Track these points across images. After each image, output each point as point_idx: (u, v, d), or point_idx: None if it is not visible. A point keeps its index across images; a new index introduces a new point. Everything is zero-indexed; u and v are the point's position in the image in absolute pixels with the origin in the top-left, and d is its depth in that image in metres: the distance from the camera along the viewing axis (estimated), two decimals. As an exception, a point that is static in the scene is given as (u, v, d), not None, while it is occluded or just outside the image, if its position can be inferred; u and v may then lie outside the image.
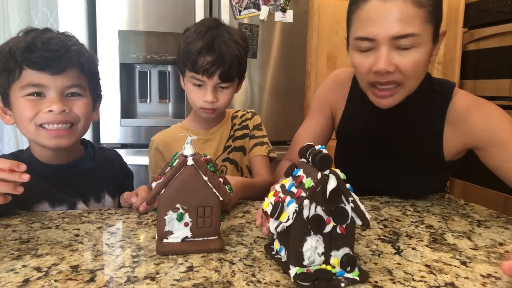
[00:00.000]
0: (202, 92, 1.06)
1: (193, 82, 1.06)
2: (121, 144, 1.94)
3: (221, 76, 1.04)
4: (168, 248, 0.67)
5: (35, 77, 0.81)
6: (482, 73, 2.27)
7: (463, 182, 1.41)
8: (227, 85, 1.07)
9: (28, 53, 0.79)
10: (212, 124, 1.20)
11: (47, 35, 0.83)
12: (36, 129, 0.83)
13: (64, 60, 0.83)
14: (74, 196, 0.92)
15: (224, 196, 0.68)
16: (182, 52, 1.06)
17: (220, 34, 1.04)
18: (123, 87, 1.95)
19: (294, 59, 2.15)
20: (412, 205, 0.99)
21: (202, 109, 1.09)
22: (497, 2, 2.13)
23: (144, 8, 1.88)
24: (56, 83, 0.83)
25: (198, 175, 0.67)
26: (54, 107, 0.82)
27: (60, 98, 0.84)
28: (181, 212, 0.68)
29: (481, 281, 0.60)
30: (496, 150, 0.87)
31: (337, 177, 0.58)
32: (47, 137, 0.84)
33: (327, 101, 1.11)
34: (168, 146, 1.16)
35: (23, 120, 0.83)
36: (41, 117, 0.83)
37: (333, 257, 0.59)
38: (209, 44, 1.02)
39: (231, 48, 1.03)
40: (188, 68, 1.05)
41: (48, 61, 0.81)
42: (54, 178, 0.90)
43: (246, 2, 2.00)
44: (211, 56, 1.01)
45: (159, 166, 1.16)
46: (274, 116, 2.15)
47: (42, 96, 0.83)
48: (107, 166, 1.01)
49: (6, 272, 0.60)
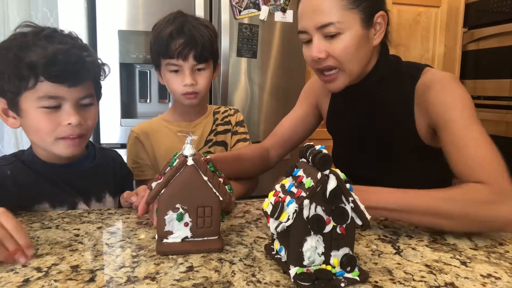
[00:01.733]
0: (180, 77, 1.08)
1: (170, 69, 1.08)
2: (121, 144, 1.93)
3: (195, 57, 1.06)
4: (168, 248, 0.67)
5: (53, 89, 0.81)
6: (482, 73, 2.27)
7: (463, 182, 1.41)
8: (203, 66, 1.09)
9: (50, 66, 0.79)
10: (194, 116, 1.21)
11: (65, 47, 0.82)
12: (55, 141, 0.85)
13: (82, 73, 0.84)
14: (75, 196, 0.92)
15: (224, 196, 0.68)
16: (153, 44, 1.09)
17: (188, 21, 1.08)
18: (123, 87, 1.95)
19: (294, 59, 2.15)
20: (412, 205, 0.99)
21: (183, 95, 1.09)
22: (497, 2, 2.14)
23: (144, 8, 1.88)
24: (72, 95, 0.84)
25: (198, 175, 0.67)
26: (72, 119, 0.83)
27: (76, 110, 0.85)
28: (181, 212, 0.68)
29: (481, 281, 0.60)
30: (443, 133, 0.85)
31: (337, 177, 0.57)
32: (64, 148, 0.86)
33: (312, 90, 1.17)
34: (149, 137, 1.16)
35: (41, 132, 0.84)
36: (62, 131, 0.84)
37: (333, 257, 0.59)
38: (179, 28, 1.05)
39: (201, 30, 1.07)
40: (162, 55, 1.07)
41: (67, 74, 0.81)
42: (56, 178, 0.90)
43: (246, 2, 2.00)
44: (183, 38, 1.04)
45: (139, 157, 1.16)
46: (274, 116, 2.14)
47: (58, 107, 0.83)
48: (108, 166, 1.01)
49: (6, 272, 0.60)
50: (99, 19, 1.84)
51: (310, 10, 0.87)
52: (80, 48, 0.86)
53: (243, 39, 2.02)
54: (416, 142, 0.95)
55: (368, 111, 1.00)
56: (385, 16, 0.89)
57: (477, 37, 2.29)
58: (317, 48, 0.88)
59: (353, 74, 0.91)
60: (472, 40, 2.32)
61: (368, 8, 0.87)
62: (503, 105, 2.08)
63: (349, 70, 0.90)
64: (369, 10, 0.87)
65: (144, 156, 1.17)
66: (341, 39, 0.86)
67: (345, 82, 0.92)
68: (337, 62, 0.88)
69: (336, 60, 0.88)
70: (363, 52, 0.90)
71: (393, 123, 0.96)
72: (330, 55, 0.88)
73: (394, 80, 0.95)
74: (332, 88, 0.94)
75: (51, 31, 0.85)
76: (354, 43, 0.87)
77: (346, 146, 1.10)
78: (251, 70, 2.07)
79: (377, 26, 0.89)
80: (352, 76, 0.92)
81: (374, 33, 0.90)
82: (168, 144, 1.15)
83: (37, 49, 0.80)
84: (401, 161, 1.00)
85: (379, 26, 0.89)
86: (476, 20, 2.31)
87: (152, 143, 1.17)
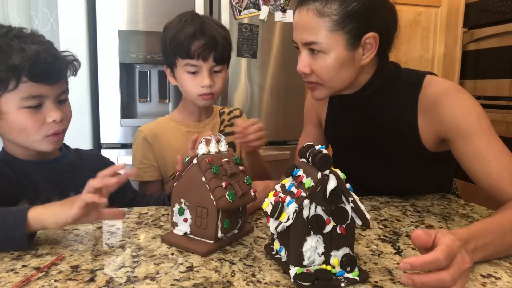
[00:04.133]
0: (198, 78, 1.07)
1: (188, 70, 1.07)
2: (121, 144, 1.93)
3: (215, 58, 1.06)
4: (168, 237, 0.72)
5: (36, 89, 0.82)
6: (482, 73, 2.27)
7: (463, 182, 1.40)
8: (220, 68, 1.09)
9: (34, 67, 0.80)
10: (202, 117, 1.20)
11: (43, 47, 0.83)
12: (42, 138, 0.85)
13: (61, 70, 0.86)
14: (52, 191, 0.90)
15: (217, 200, 0.67)
16: (170, 43, 1.07)
17: (205, 21, 1.07)
18: (123, 87, 1.95)
19: (294, 59, 2.12)
20: (412, 205, 0.99)
21: (200, 96, 1.09)
22: (497, 2, 2.14)
23: (144, 8, 1.88)
24: (53, 92, 0.85)
25: (199, 175, 0.68)
26: (56, 116, 0.84)
27: (57, 106, 0.86)
28: (182, 207, 0.72)
29: (481, 281, 0.60)
30: (460, 143, 0.85)
31: (337, 177, 0.58)
32: (49, 144, 0.87)
33: (312, 110, 1.18)
34: (157, 137, 1.15)
35: (27, 131, 0.84)
36: (49, 128, 0.85)
37: (333, 257, 0.60)
38: (199, 28, 1.04)
39: (220, 32, 1.07)
40: (181, 55, 1.06)
41: (49, 73, 0.83)
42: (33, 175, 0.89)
43: (246, 2, 2.00)
44: (204, 39, 1.04)
45: (146, 157, 1.15)
46: (274, 116, 2.14)
47: (40, 106, 0.84)
48: (84, 164, 1.00)
49: (6, 272, 0.60)
50: (99, 19, 1.84)
51: (298, 25, 0.90)
52: (50, 46, 0.87)
53: (243, 39, 2.02)
54: (419, 149, 0.95)
55: (367, 119, 0.99)
56: (376, 37, 0.87)
57: (477, 37, 2.28)
58: (302, 62, 0.90)
59: (334, 90, 0.93)
60: (472, 40, 2.32)
61: (353, 30, 0.85)
62: (503, 105, 2.07)
63: (331, 87, 0.92)
64: (355, 33, 0.86)
65: (150, 157, 1.15)
66: (324, 59, 0.87)
67: (325, 94, 0.95)
68: (319, 79, 0.90)
69: (318, 77, 0.90)
70: (347, 72, 0.89)
71: (393, 131, 0.96)
72: (312, 71, 0.90)
73: (394, 88, 0.95)
74: (314, 97, 0.96)
75: (18, 31, 0.85)
76: (336, 64, 0.87)
77: (344, 154, 1.10)
78: (251, 70, 2.07)
79: (368, 46, 0.88)
80: (333, 90, 0.93)
81: (363, 53, 0.88)
82: (177, 144, 1.14)
83: (14, 51, 0.80)
84: (401, 167, 1.00)
85: (369, 46, 0.88)
86: (476, 20, 2.31)
87: (161, 144, 1.16)
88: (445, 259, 0.51)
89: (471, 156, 0.84)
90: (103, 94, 1.88)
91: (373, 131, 0.99)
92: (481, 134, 0.83)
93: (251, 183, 0.74)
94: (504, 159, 0.81)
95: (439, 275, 0.51)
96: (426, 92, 0.91)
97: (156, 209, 0.91)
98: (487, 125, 0.84)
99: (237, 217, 0.74)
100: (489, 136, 0.83)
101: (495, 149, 0.82)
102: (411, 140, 0.94)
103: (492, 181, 0.81)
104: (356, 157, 1.06)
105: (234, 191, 0.69)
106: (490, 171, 0.81)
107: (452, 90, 0.88)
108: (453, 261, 0.52)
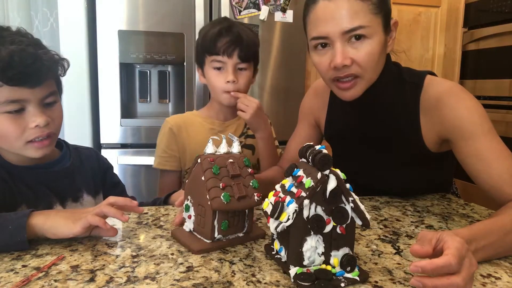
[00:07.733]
0: (223, 74, 1.12)
1: (214, 65, 1.12)
2: (121, 144, 1.93)
3: (240, 55, 1.10)
4: (176, 232, 0.75)
5: (14, 93, 0.78)
6: (482, 73, 2.27)
7: (463, 182, 1.40)
8: (245, 65, 1.13)
9: (7, 70, 0.75)
10: (228, 117, 1.24)
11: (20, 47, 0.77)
12: (24, 144, 0.81)
13: (42, 72, 0.80)
14: (50, 197, 0.89)
15: (211, 200, 0.66)
16: (201, 43, 1.14)
17: (235, 23, 1.14)
18: (123, 87, 1.95)
19: (294, 59, 2.15)
20: (412, 205, 0.99)
21: (225, 93, 1.13)
22: (497, 2, 2.13)
23: (144, 8, 1.88)
24: (35, 95, 0.80)
25: (201, 174, 0.69)
26: (39, 120, 0.80)
27: (41, 110, 0.81)
28: (188, 204, 0.73)
29: (481, 281, 0.60)
30: (462, 143, 0.85)
31: (337, 177, 0.58)
32: (34, 150, 0.83)
33: (309, 110, 1.17)
34: (181, 129, 1.20)
35: (9, 137, 0.80)
36: (30, 134, 0.81)
37: (333, 257, 0.59)
38: (226, 27, 1.11)
39: (247, 32, 1.12)
40: (209, 52, 1.12)
41: (26, 76, 0.77)
42: (30, 180, 0.87)
43: (246, 2, 2.00)
44: (230, 36, 1.09)
45: (170, 147, 1.20)
46: (274, 116, 2.14)
47: (22, 110, 0.80)
48: (84, 165, 0.98)
49: (6, 272, 0.60)
50: (99, 19, 1.84)
51: (333, 15, 0.82)
52: (34, 45, 0.81)
53: (243, 39, 2.02)
54: (421, 149, 0.94)
55: (369, 119, 0.99)
56: (397, 23, 0.88)
57: (477, 37, 2.28)
58: (342, 54, 0.82)
59: (370, 83, 0.88)
60: (472, 40, 2.32)
61: (387, 14, 0.85)
62: (503, 105, 2.07)
63: (368, 78, 0.87)
64: (387, 16, 0.85)
65: (174, 147, 1.20)
66: (367, 44, 0.82)
67: (362, 90, 0.88)
68: (360, 70, 0.84)
69: (360, 67, 0.84)
70: (382, 60, 0.87)
71: (394, 131, 0.96)
72: (354, 62, 0.84)
73: (396, 87, 0.94)
74: (348, 96, 0.89)
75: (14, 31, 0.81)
76: (379, 50, 0.84)
77: (345, 154, 1.09)
78: (251, 70, 2.07)
79: (392, 33, 0.88)
80: (369, 84, 0.88)
81: (389, 40, 0.88)
82: (200, 139, 1.17)
83: None
84: (401, 167, 1.00)
85: (392, 33, 0.88)
86: (476, 20, 2.31)
87: (184, 136, 1.20)
88: (457, 264, 0.51)
89: (473, 157, 0.83)
90: (103, 94, 1.88)
91: (375, 130, 0.99)
92: (482, 135, 0.83)
93: (257, 186, 0.72)
94: (505, 160, 0.81)
95: (451, 280, 0.51)
96: (428, 92, 0.91)
97: (156, 209, 0.91)
98: (489, 126, 0.84)
99: (241, 220, 0.73)
100: (490, 137, 0.83)
101: (496, 150, 0.82)
102: (412, 140, 0.94)
103: (493, 182, 0.81)
104: (356, 157, 1.05)
105: (231, 193, 0.67)
106: (491, 172, 0.81)
107: (454, 91, 0.88)
108: (463, 265, 0.52)
